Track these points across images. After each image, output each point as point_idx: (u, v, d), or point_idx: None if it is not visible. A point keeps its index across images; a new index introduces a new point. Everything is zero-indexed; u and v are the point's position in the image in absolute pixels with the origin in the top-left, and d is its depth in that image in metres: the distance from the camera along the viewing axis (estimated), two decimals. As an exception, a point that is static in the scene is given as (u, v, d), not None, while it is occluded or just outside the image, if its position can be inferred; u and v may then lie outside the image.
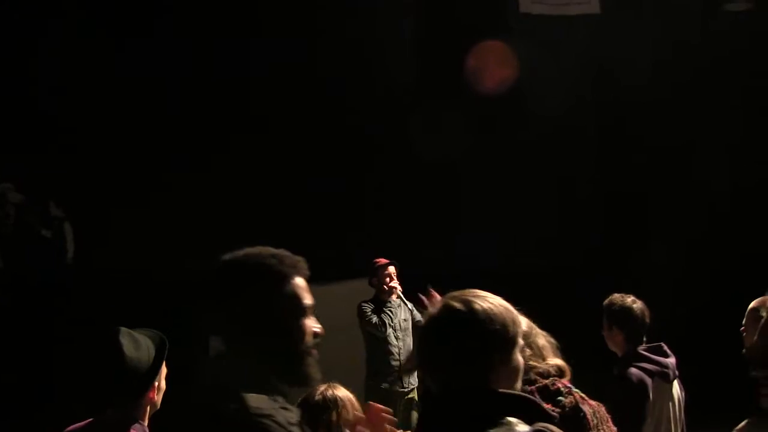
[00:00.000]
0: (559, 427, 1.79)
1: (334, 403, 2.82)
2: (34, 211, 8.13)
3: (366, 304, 6.47)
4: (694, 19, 8.20)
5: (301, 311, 2.05)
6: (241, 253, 2.06)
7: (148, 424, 2.71)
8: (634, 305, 4.24)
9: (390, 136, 8.56)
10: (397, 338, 6.32)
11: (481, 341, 1.85)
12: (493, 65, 8.33)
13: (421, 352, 1.95)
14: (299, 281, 2.06)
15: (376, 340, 6.32)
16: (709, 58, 8.23)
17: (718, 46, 8.20)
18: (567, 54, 8.44)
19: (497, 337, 1.86)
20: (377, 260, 6.58)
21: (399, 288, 6.42)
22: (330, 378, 2.94)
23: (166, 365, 2.75)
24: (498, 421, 1.72)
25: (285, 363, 2.00)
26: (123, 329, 2.64)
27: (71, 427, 2.74)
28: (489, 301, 1.93)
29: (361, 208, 8.47)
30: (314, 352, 2.10)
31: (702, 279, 7.92)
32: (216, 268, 2.07)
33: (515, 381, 1.90)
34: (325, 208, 8.37)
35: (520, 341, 1.93)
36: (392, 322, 6.35)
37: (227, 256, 2.07)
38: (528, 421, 1.75)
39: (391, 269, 6.52)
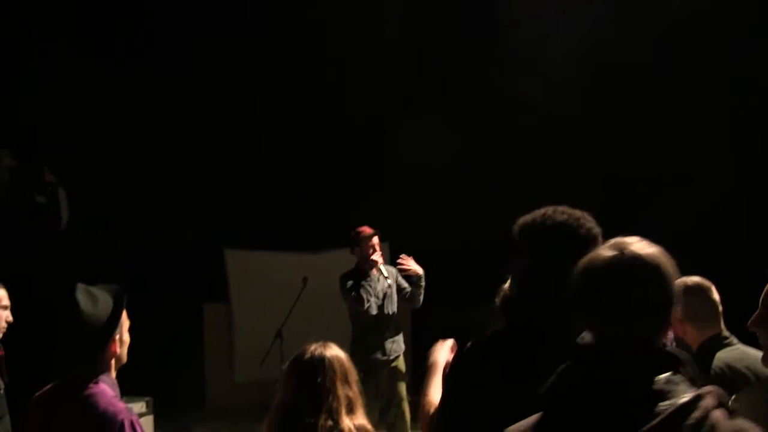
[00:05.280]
0: None
1: (321, 362, 2.77)
2: (29, 176, 8.04)
3: (346, 278, 6.24)
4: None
5: None
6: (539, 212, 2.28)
7: (116, 376, 2.68)
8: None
9: (381, 136, 8.51)
10: (379, 307, 6.21)
11: (671, 296, 1.78)
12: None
13: (594, 296, 1.80)
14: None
15: (357, 312, 6.19)
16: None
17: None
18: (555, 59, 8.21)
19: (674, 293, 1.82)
20: (361, 229, 6.29)
21: (381, 261, 6.20)
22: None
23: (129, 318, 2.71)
24: (668, 378, 1.68)
25: None
26: (80, 285, 2.59)
27: (40, 392, 2.69)
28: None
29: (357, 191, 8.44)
30: None
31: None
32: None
33: None
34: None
35: None
36: (373, 293, 6.21)
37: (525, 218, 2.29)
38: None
39: (375, 240, 6.25)
